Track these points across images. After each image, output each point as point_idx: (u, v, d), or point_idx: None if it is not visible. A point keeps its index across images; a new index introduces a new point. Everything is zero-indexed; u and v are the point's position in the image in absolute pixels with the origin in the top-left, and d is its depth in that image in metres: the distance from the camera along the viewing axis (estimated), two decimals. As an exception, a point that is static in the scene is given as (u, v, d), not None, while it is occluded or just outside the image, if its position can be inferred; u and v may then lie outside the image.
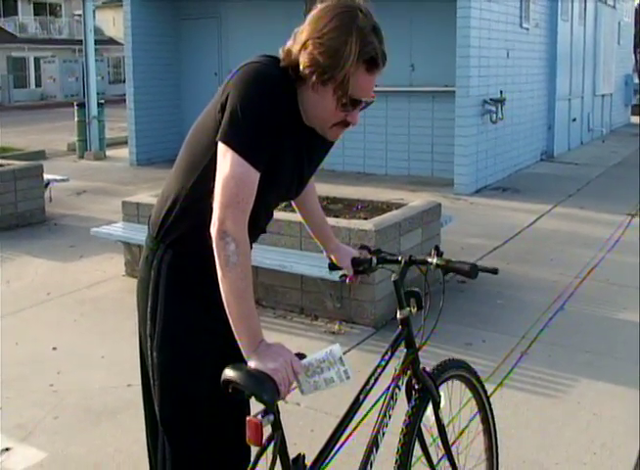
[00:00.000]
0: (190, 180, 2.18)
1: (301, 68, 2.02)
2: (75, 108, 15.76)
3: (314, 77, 2.02)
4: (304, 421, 3.92)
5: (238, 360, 1.93)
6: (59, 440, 3.86)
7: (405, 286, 2.52)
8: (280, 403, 1.91)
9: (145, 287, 2.26)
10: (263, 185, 2.03)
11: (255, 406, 1.92)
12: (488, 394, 2.94)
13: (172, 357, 2.23)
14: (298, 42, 2.03)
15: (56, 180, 9.96)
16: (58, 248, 7.84)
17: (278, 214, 5.86)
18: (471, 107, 11.18)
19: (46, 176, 9.58)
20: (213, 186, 2.01)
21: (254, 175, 1.98)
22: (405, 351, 2.48)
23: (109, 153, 15.72)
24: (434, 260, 2.46)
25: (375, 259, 2.61)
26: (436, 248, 2.50)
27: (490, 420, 2.94)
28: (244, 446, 1.95)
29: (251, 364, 1.88)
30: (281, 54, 2.10)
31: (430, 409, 2.56)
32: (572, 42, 16.16)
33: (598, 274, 6.68)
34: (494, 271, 2.49)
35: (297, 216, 6.08)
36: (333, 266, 2.73)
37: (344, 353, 2.03)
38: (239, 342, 1.93)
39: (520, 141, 13.38)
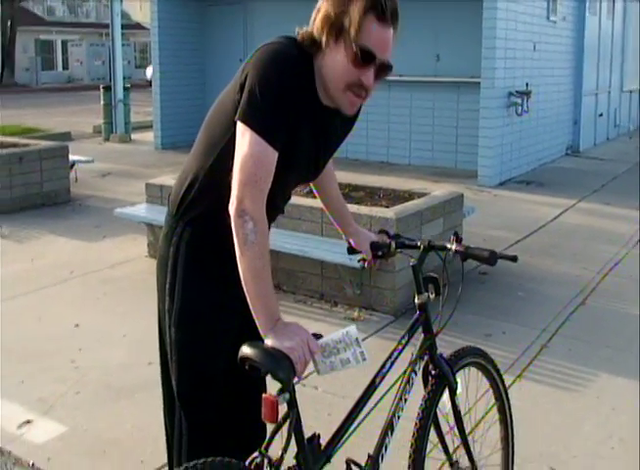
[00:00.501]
0: (209, 159, 2.21)
1: (316, 30, 2.07)
2: (102, 91, 15.83)
3: (326, 32, 2.06)
4: (322, 405, 3.93)
5: (256, 339, 1.94)
6: (79, 415, 3.91)
7: (425, 272, 2.52)
8: (298, 388, 1.92)
9: (164, 264, 2.29)
10: (280, 165, 2.04)
11: (272, 385, 1.94)
12: (507, 384, 2.93)
13: (190, 334, 2.26)
14: (315, 11, 2.09)
15: (81, 161, 10.05)
16: (82, 228, 7.90)
17: (299, 200, 5.95)
18: (496, 98, 11.11)
19: (71, 157, 9.66)
20: (232, 165, 2.02)
21: (272, 154, 1.99)
22: (423, 336, 2.48)
23: (134, 136, 15.81)
24: (453, 246, 2.45)
25: (394, 244, 2.61)
26: (456, 234, 2.49)
27: (507, 410, 2.93)
28: (259, 423, 1.96)
29: (268, 342, 1.89)
30: (298, 32, 2.14)
31: (446, 395, 2.56)
32: (600, 36, 15.97)
33: (621, 270, 6.63)
34: (514, 259, 2.47)
35: (318, 202, 6.08)
36: (351, 250, 2.73)
37: (363, 340, 2.04)
38: (256, 320, 1.95)
39: (545, 135, 13.29)
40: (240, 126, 2.00)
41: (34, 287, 5.94)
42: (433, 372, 2.52)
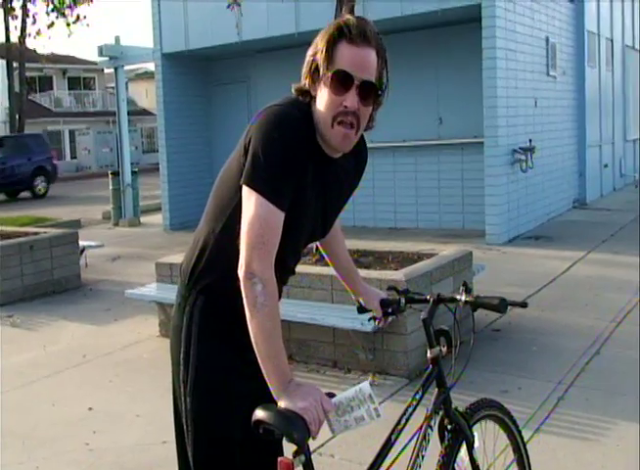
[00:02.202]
0: (218, 225, 2.23)
1: (303, 80, 2.16)
2: (110, 177, 16.05)
3: (309, 77, 2.14)
4: (339, 472, 3.88)
5: (271, 402, 1.94)
6: (94, 498, 3.87)
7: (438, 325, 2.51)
8: (314, 457, 1.91)
9: (178, 333, 2.28)
10: (289, 225, 2.06)
11: (288, 449, 1.92)
12: (525, 438, 2.88)
13: (206, 402, 2.24)
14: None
15: (91, 246, 10.14)
16: (93, 312, 7.93)
17: (309, 268, 5.97)
18: (500, 156, 11.21)
19: (81, 243, 9.75)
20: (240, 230, 2.05)
21: (279, 216, 2.01)
22: (437, 390, 2.46)
23: (143, 219, 15.97)
24: (463, 297, 2.44)
25: (403, 300, 2.60)
26: (465, 285, 2.49)
27: (526, 462, 2.89)
28: None
29: (281, 404, 1.90)
30: (293, 88, 2.21)
31: (463, 450, 2.52)
32: (601, 88, 16.19)
33: (634, 318, 6.58)
34: (523, 305, 2.46)
35: (327, 270, 6.11)
36: (361, 309, 2.72)
37: (380, 403, 2.03)
38: (268, 382, 1.95)
39: (551, 189, 13.35)
40: (245, 190, 2.03)
41: (48, 373, 5.94)
42: (449, 427, 2.48)
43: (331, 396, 1.99)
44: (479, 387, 4.94)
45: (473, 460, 2.57)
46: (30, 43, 44.78)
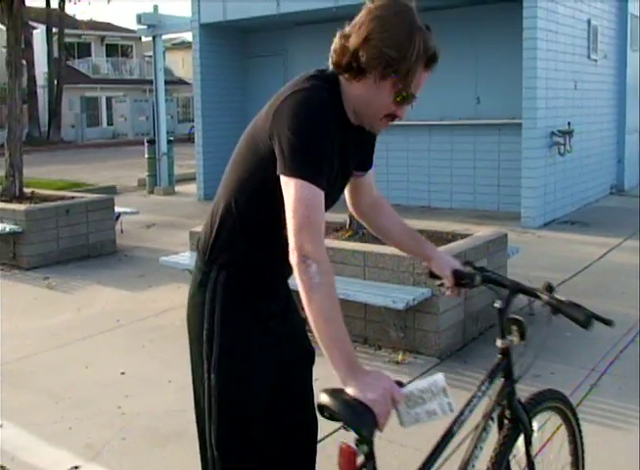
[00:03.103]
0: (241, 198, 2.21)
1: (364, 60, 2.05)
2: (146, 145, 16.15)
3: (379, 70, 2.06)
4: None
5: (291, 373, 1.96)
6: (126, 461, 3.92)
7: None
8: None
9: (200, 310, 2.26)
10: None
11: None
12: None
13: (230, 377, 2.23)
14: (358, 37, 2.06)
15: (126, 213, 10.22)
16: (127, 277, 8.01)
17: (341, 244, 5.97)
18: (538, 139, 11.09)
19: (117, 209, 9.82)
20: (264, 206, 2.09)
21: (320, 195, 1.98)
22: (502, 381, 2.37)
23: (177, 188, 16.05)
24: (545, 297, 2.30)
25: (479, 277, 2.47)
26: (549, 285, 2.35)
27: (581, 457, 2.82)
28: (304, 458, 1.92)
29: (350, 391, 1.81)
30: (332, 54, 2.15)
31: (520, 442, 2.43)
32: (642, 73, 15.93)
33: (670, 307, 6.51)
34: (609, 323, 2.27)
35: (361, 246, 6.10)
36: (432, 275, 2.59)
37: (408, 383, 1.95)
38: (333, 366, 1.85)
39: (588, 174, 13.19)
40: (284, 179, 2.00)
41: (81, 336, 6.02)
42: (508, 417, 2.39)
43: (400, 384, 1.88)
44: (510, 369, 4.91)
45: (529, 455, 2.47)
46: (70, 9, 44.93)
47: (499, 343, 2.38)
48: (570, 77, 12.21)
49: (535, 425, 2.50)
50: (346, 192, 2.53)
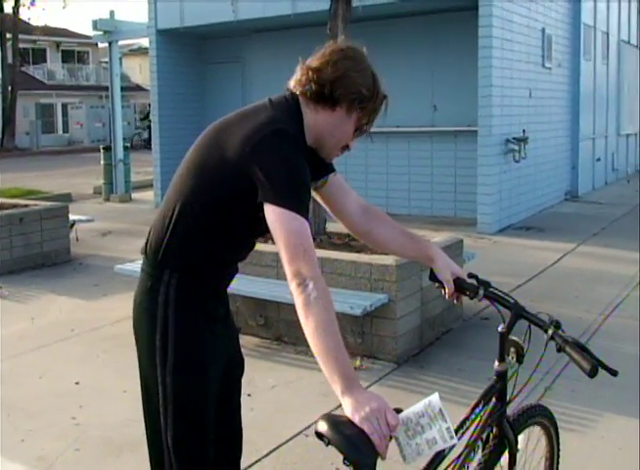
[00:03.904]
0: (196, 204, 2.23)
1: (339, 93, 2.22)
2: (102, 151, 15.98)
3: (351, 104, 2.23)
4: None
5: (230, 376, 2.20)
6: (79, 472, 3.87)
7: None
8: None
9: (151, 315, 2.26)
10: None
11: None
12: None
13: (188, 378, 2.26)
14: (336, 71, 2.22)
15: (81, 221, 10.11)
16: (82, 286, 7.91)
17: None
18: (493, 146, 11.21)
19: (71, 217, 9.71)
20: (222, 213, 2.19)
21: (306, 224, 2.08)
22: (494, 402, 2.34)
23: (134, 195, 15.92)
24: (551, 331, 2.26)
25: (482, 291, 2.44)
26: (557, 321, 2.31)
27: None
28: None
29: (345, 408, 1.80)
30: (297, 84, 2.27)
31: (504, 459, 2.43)
32: (596, 81, 16.20)
33: (623, 311, 6.62)
34: (614, 373, 2.26)
35: (317, 252, 6.08)
36: (432, 277, 2.54)
37: (367, 388, 1.92)
38: (330, 380, 1.86)
39: (543, 181, 13.37)
40: (270, 208, 2.08)
41: (35, 345, 5.93)
42: (495, 433, 2.37)
43: (398, 411, 1.84)
44: (467, 374, 4.97)
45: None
46: (24, 14, 44.36)
47: (496, 366, 2.36)
48: (524, 85, 12.37)
49: (520, 439, 2.49)
50: (332, 214, 2.57)
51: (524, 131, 12.01)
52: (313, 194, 2.46)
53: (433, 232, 10.05)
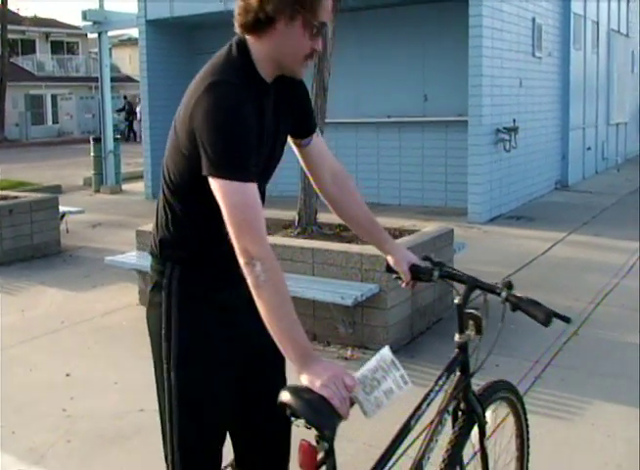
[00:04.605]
0: (177, 195, 2.20)
1: (271, 8, 2.06)
2: (91, 143, 15.92)
3: (287, 11, 2.06)
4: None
5: (258, 371, 2.02)
6: (71, 464, 3.87)
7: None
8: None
9: (157, 310, 2.22)
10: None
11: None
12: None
13: (190, 372, 2.19)
14: None
15: (71, 212, 10.08)
16: (72, 278, 7.89)
17: (290, 241, 5.96)
18: (484, 135, 11.21)
19: (61, 208, 9.67)
20: (196, 199, 2.10)
21: (252, 190, 2.00)
22: (459, 375, 2.39)
23: (124, 187, 15.87)
24: (504, 293, 2.34)
25: (437, 272, 2.49)
26: (509, 282, 2.38)
27: (525, 448, 2.87)
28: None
29: (303, 381, 1.85)
30: (237, 18, 2.14)
31: (474, 433, 2.47)
32: (586, 71, 16.20)
33: (612, 299, 6.64)
34: (567, 320, 2.35)
35: (308, 243, 6.12)
36: (389, 269, 2.59)
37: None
38: (288, 358, 1.92)
39: (533, 170, 13.39)
40: (212, 181, 2.00)
41: (25, 338, 5.91)
42: (462, 409, 2.42)
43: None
44: (457, 363, 4.95)
45: (483, 445, 2.52)
46: (13, 4, 44.09)
47: (457, 338, 2.40)
48: (515, 75, 12.36)
49: (489, 415, 2.53)
50: (306, 170, 2.49)
51: (514, 121, 12.02)
52: (291, 144, 2.40)
53: (423, 222, 10.05)
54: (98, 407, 4.56)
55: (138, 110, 36.74)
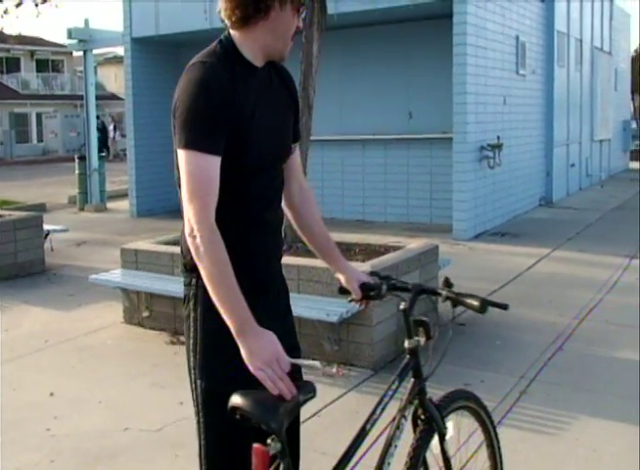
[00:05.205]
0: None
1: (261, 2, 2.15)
2: (76, 161, 15.88)
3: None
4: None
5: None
6: (54, 484, 3.84)
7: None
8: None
9: (187, 322, 2.25)
10: (239, 156, 2.15)
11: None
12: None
13: (216, 376, 2.18)
14: None
15: (55, 231, 10.05)
16: (56, 297, 7.85)
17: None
18: (468, 153, 11.26)
19: (46, 227, 9.64)
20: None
21: (210, 161, 2.07)
22: (413, 380, 2.45)
23: (109, 205, 15.83)
24: (444, 292, 2.43)
25: (385, 286, 2.53)
26: (447, 280, 2.49)
27: (498, 456, 2.89)
28: None
29: (242, 350, 1.96)
30: (229, 14, 2.20)
31: (435, 441, 2.51)
32: (569, 88, 16.33)
33: (597, 315, 6.67)
34: (504, 307, 2.41)
35: (293, 260, 6.10)
36: (342, 290, 2.62)
37: (343, 396, 2.02)
38: (227, 323, 2.00)
39: (518, 187, 13.45)
40: (177, 153, 2.13)
41: (9, 357, 5.87)
42: (422, 417, 2.47)
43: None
44: (441, 379, 4.92)
45: (444, 452, 2.55)
46: (-3, 23, 43.98)
47: (406, 343, 2.46)
48: (499, 92, 12.45)
49: (450, 425, 2.56)
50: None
51: (498, 138, 12.09)
52: None
53: (408, 238, 10.06)
54: (82, 426, 4.53)
55: (111, 128, 36.77)
